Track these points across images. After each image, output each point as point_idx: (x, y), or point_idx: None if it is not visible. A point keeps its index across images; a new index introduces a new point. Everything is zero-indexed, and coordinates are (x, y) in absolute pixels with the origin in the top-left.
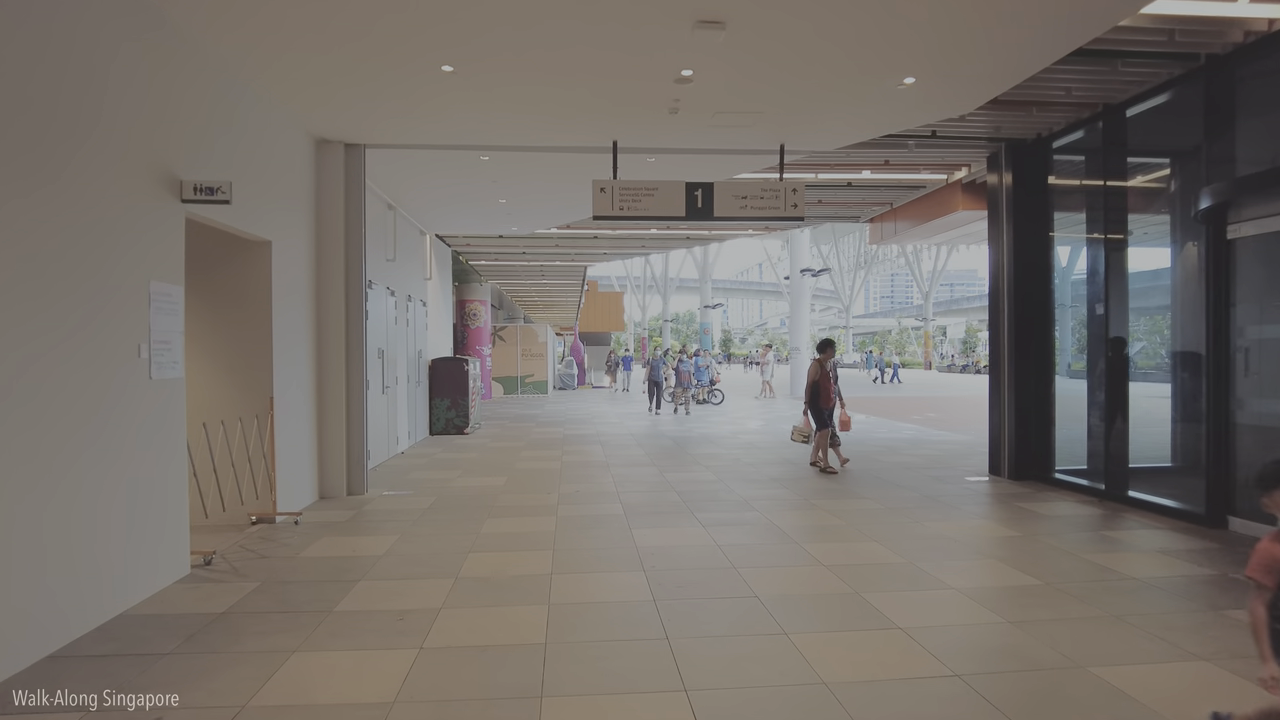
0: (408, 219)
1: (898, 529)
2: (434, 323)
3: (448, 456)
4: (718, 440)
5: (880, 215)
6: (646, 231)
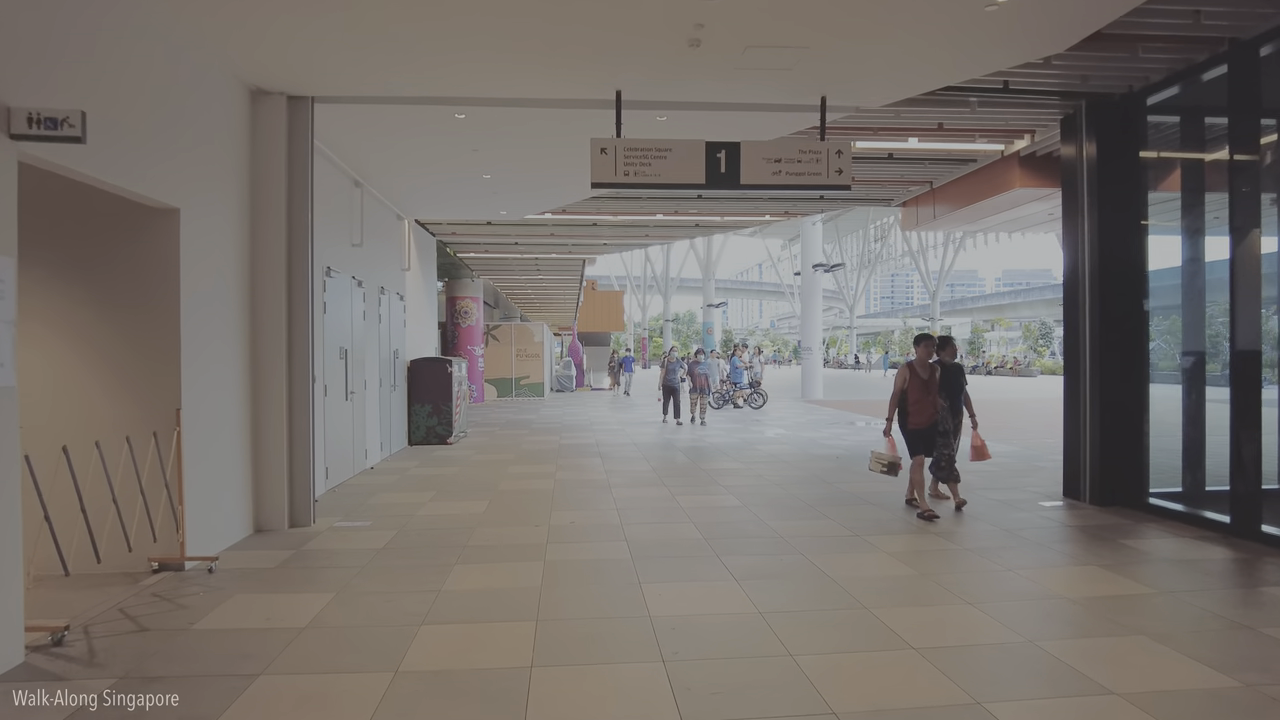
0: (380, 200)
1: (988, 581)
2: (415, 319)
3: (424, 473)
4: (733, 453)
5: (917, 198)
6: (651, 218)
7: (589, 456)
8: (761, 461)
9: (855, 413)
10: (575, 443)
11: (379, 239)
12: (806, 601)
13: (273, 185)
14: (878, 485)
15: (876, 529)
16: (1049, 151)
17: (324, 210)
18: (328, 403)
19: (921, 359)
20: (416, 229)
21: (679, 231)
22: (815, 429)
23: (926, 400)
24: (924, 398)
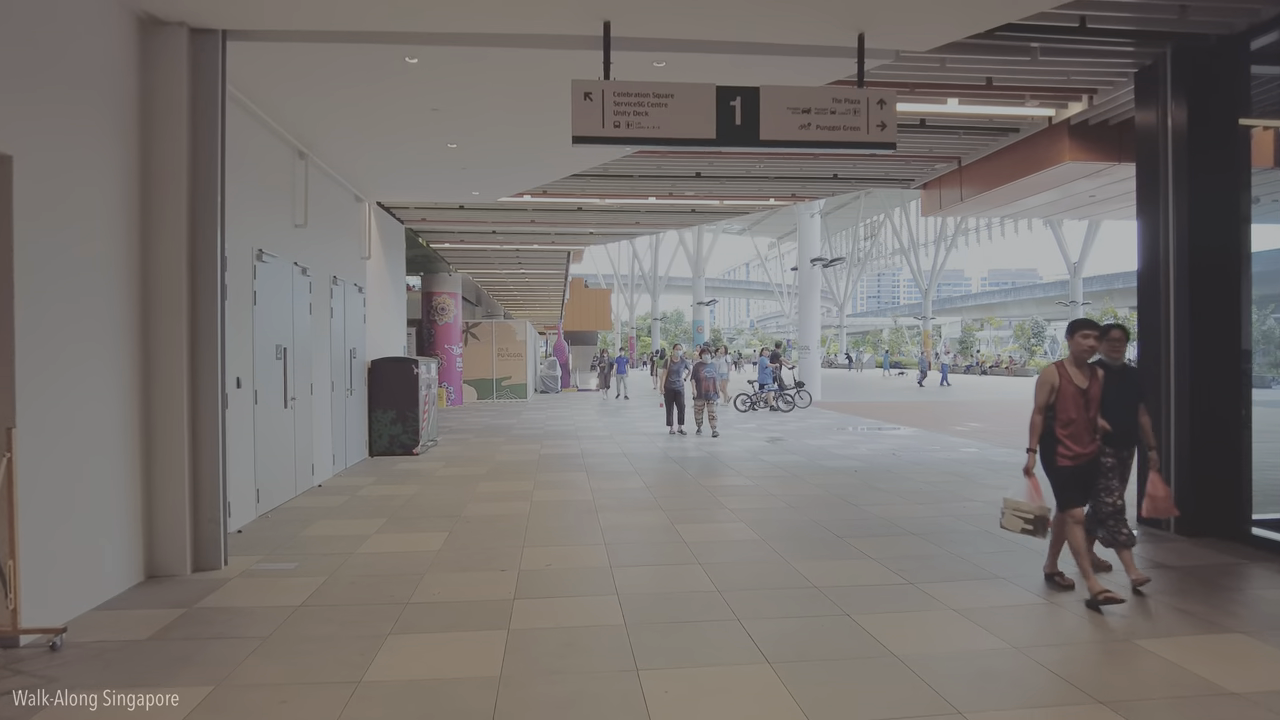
0: (333, 177)
1: (1115, 663)
2: (378, 314)
3: (379, 492)
4: (736, 465)
5: (942, 178)
6: (642, 201)
7: (573, 471)
8: (770, 476)
9: (858, 415)
10: (558, 453)
11: (332, 222)
12: (869, 700)
13: (170, 140)
14: (913, 507)
15: (931, 573)
16: (1104, 119)
17: (258, 183)
18: (260, 412)
19: (1079, 356)
20: (380, 215)
21: (672, 219)
22: (821, 435)
23: (1084, 420)
24: (1081, 416)
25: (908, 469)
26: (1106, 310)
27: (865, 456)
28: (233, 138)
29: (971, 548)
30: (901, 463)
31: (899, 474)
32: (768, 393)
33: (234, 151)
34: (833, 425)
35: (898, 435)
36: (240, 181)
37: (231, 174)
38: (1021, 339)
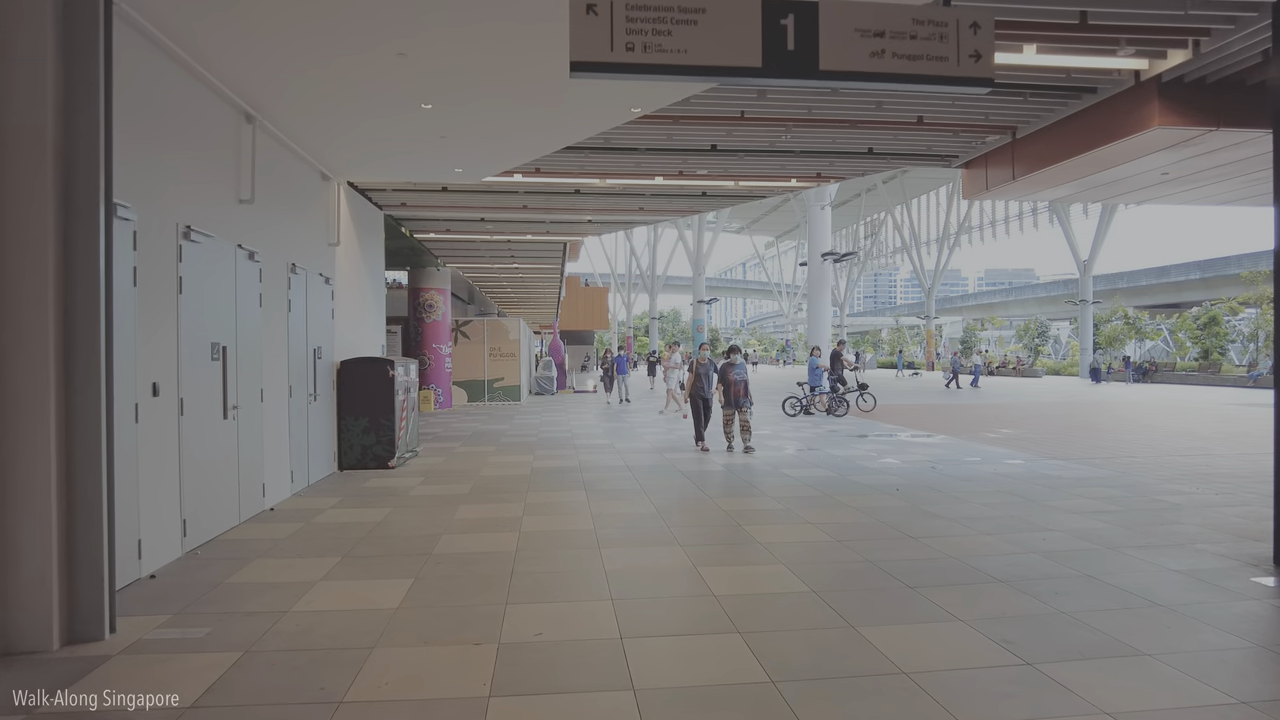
0: (292, 150)
1: None
2: (351, 309)
3: (339, 519)
4: (758, 481)
5: (988, 155)
6: (647, 182)
7: (570, 489)
8: (799, 497)
9: (877, 420)
10: (553, 466)
11: (291, 201)
12: None
13: (22, 65)
14: (983, 540)
15: (1047, 645)
16: (1202, 75)
17: (187, 147)
18: (189, 424)
19: None
20: (354, 198)
21: (679, 203)
22: (844, 444)
23: None
24: None
25: (955, 486)
26: (1116, 309)
27: (901, 470)
28: (151, 89)
29: (1082, 602)
30: (944, 478)
31: (948, 493)
32: (819, 395)
33: (152, 105)
34: (854, 432)
35: (928, 443)
36: (161, 144)
37: (148, 133)
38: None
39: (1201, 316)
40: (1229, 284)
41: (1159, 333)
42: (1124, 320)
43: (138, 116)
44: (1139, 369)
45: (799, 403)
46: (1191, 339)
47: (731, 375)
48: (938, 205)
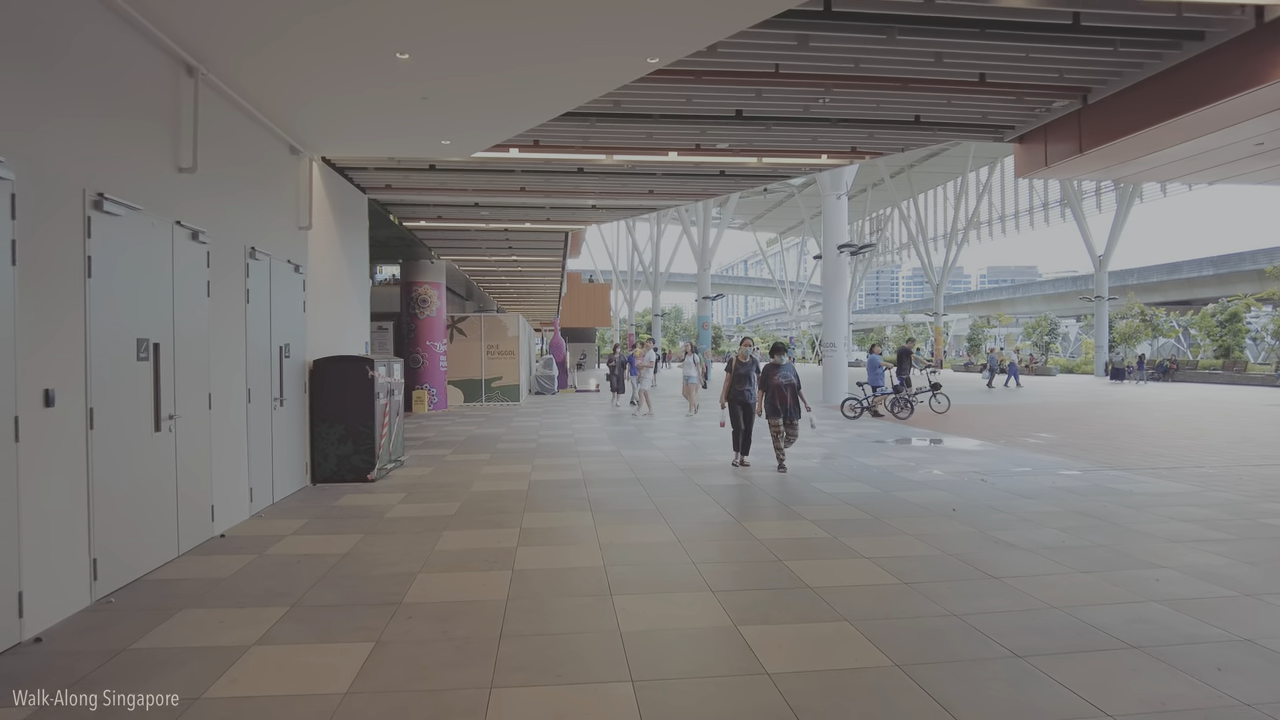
0: (250, 114)
1: None
2: (326, 302)
3: (297, 549)
4: (791, 499)
5: (1049, 125)
6: (661, 158)
7: (573, 509)
8: (845, 521)
9: (904, 424)
10: (554, 478)
11: (250, 174)
12: None
13: None
14: (1080, 580)
15: None
16: None
17: (102, 98)
18: (102, 440)
19: None
20: (331, 178)
21: (693, 185)
22: (875, 451)
23: None
24: None
25: (1018, 505)
26: (1132, 305)
27: (948, 484)
28: (44, 16)
29: (1260, 684)
30: (1000, 494)
31: (1013, 513)
32: (880, 396)
33: (46, 37)
34: (883, 436)
35: (967, 450)
36: (62, 90)
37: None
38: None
39: (1222, 313)
40: (1244, 280)
41: (1176, 330)
42: (1140, 317)
43: (23, 48)
44: (1160, 367)
45: (859, 404)
46: (1210, 336)
47: (776, 379)
48: (945, 200)
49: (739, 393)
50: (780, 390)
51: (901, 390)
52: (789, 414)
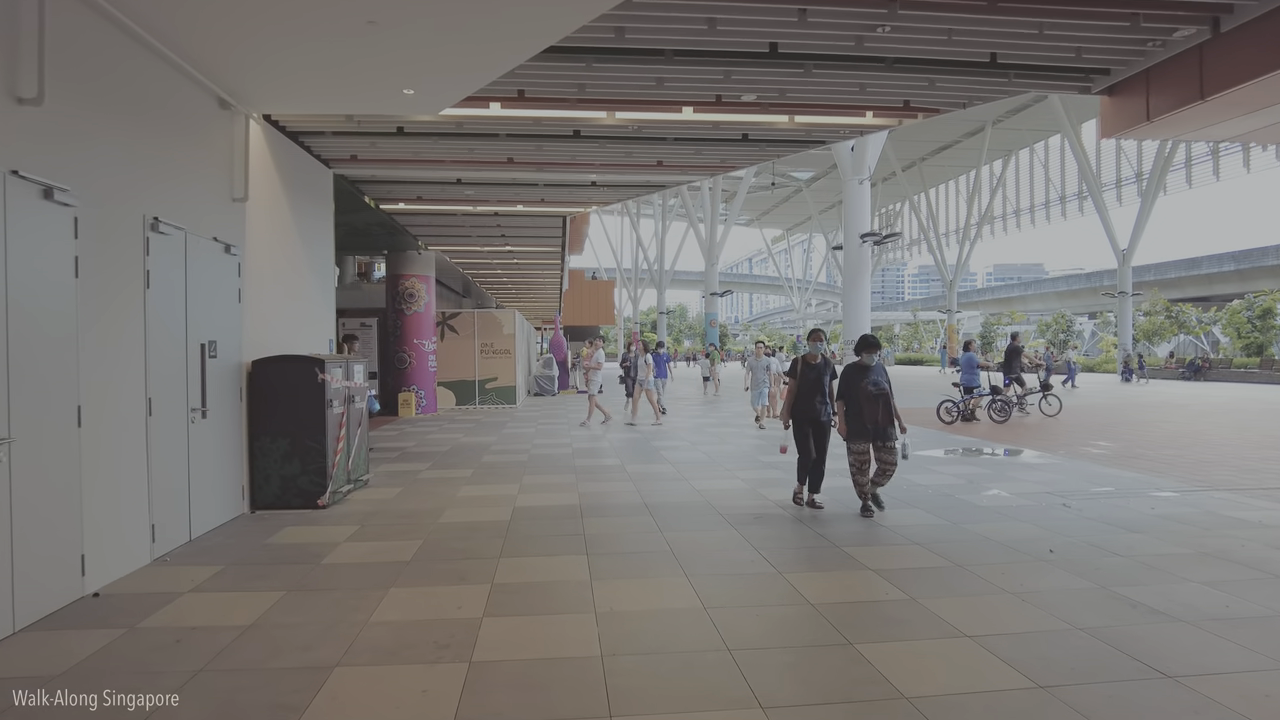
0: (150, 46)
1: None
2: (274, 292)
3: (186, 619)
4: (837, 530)
5: (1157, 67)
6: (674, 115)
7: (564, 552)
8: (919, 571)
9: (940, 430)
10: (544, 504)
11: (153, 128)
12: None
13: None
14: None
15: None
16: None
17: None
18: None
19: None
20: (282, 145)
21: (712, 152)
22: (923, 466)
23: None
24: None
25: (1125, 542)
26: (1156, 300)
27: (1027, 512)
28: None
29: None
30: (1096, 525)
31: (1129, 556)
32: (977, 398)
33: None
34: (924, 445)
35: (1027, 464)
36: None
37: None
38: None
39: (1256, 309)
40: (1266, 276)
41: (1205, 326)
42: (1166, 313)
43: None
44: (1191, 366)
45: (956, 407)
46: (1240, 333)
47: (864, 386)
48: (957, 195)
49: (809, 407)
50: (870, 401)
51: (1001, 392)
52: (881, 434)
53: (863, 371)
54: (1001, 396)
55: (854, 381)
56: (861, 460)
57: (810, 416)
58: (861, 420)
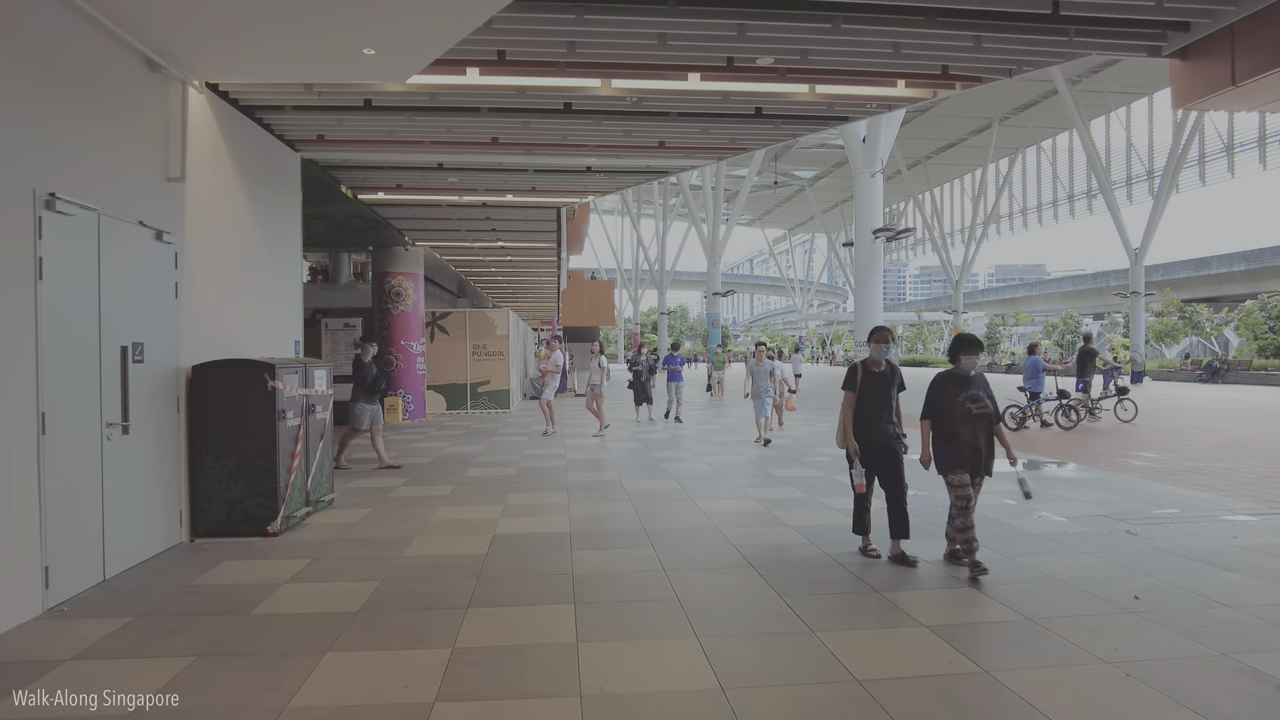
0: None
1: None
2: (224, 288)
3: (54, 690)
4: (874, 570)
5: (1246, 21)
6: (678, 84)
7: (547, 600)
8: (982, 624)
9: None
10: (528, 530)
11: (50, 84)
12: None
13: None
14: None
15: None
16: None
17: None
18: None
19: None
20: (233, 120)
21: (720, 131)
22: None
23: None
24: None
25: (1221, 584)
26: (1170, 301)
27: (1085, 538)
28: None
29: None
30: (1172, 557)
31: (1235, 605)
32: (1040, 404)
33: None
34: None
35: (1069, 479)
36: None
37: None
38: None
39: (1273, 309)
40: (1277, 276)
41: (1219, 328)
42: (1180, 314)
43: None
44: (1209, 368)
45: (1021, 412)
46: (1256, 335)
47: (963, 401)
48: (962, 194)
49: (873, 428)
50: (969, 422)
51: (1069, 396)
52: (983, 467)
53: (960, 383)
54: (1069, 401)
55: (947, 395)
56: (963, 497)
57: (876, 441)
58: (958, 447)
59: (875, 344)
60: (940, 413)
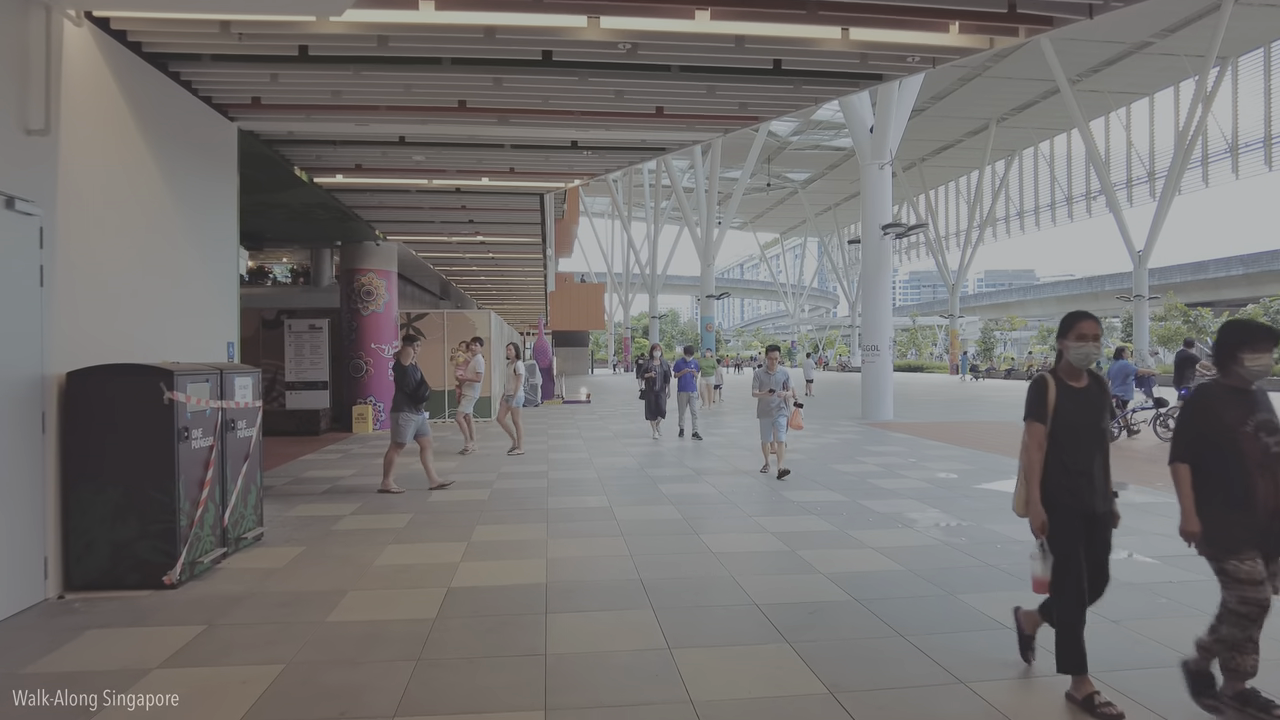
0: None
1: None
2: (126, 275)
3: None
4: (935, 632)
5: None
6: (681, 25)
7: (507, 711)
8: None
9: (965, 446)
10: (494, 583)
11: None
12: None
13: None
14: None
15: None
16: None
17: None
18: None
19: None
20: (137, 70)
21: (728, 96)
22: (967, 498)
23: None
24: None
25: None
26: (1172, 305)
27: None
28: None
29: None
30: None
31: None
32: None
33: None
34: (956, 468)
35: (1133, 504)
36: None
37: None
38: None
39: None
40: (1276, 281)
41: None
42: (1183, 318)
43: None
44: None
45: (1115, 423)
46: None
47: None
48: (958, 197)
49: (1077, 479)
50: (1266, 467)
51: (1167, 404)
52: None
53: (1242, 403)
54: (1168, 408)
55: (1222, 420)
56: (1261, 602)
57: (1085, 507)
58: (1252, 511)
59: (1077, 342)
60: (1210, 451)
